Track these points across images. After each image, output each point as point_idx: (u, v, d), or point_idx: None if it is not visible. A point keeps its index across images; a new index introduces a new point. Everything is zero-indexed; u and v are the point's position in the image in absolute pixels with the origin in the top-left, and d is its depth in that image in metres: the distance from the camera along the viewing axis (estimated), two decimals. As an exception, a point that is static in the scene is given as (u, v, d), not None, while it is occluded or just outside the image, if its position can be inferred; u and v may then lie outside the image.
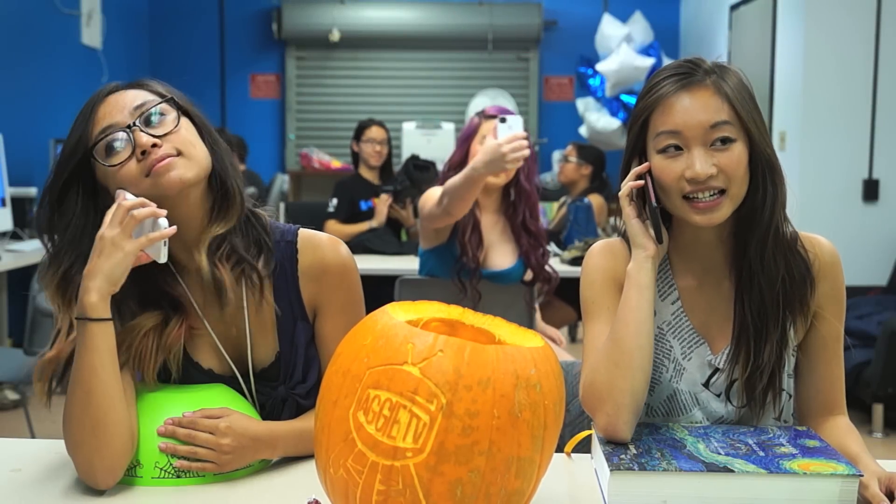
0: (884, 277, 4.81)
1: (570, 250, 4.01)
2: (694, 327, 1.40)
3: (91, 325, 1.21)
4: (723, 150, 1.29)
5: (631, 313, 1.32)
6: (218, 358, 1.39)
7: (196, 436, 1.27)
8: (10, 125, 4.80)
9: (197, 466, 1.27)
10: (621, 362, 1.30)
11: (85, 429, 1.22)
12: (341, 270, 1.41)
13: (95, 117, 1.30)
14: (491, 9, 7.18)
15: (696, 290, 1.41)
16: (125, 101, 1.30)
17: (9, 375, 3.28)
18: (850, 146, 4.85)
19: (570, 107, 7.27)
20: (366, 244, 4.32)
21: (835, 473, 1.16)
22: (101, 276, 1.21)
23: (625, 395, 1.28)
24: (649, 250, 1.34)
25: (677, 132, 1.30)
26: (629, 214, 1.36)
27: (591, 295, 1.42)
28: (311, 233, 1.43)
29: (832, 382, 1.40)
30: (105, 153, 1.28)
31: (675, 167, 1.30)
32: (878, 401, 4.02)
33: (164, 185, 1.26)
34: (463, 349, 0.99)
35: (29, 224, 4.69)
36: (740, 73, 1.36)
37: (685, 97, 1.31)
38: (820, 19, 4.83)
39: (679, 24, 7.39)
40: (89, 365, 1.21)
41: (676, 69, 1.34)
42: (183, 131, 1.30)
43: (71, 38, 5.81)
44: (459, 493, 0.97)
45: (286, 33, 7.24)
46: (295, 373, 1.40)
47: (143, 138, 1.26)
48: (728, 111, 1.30)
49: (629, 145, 1.38)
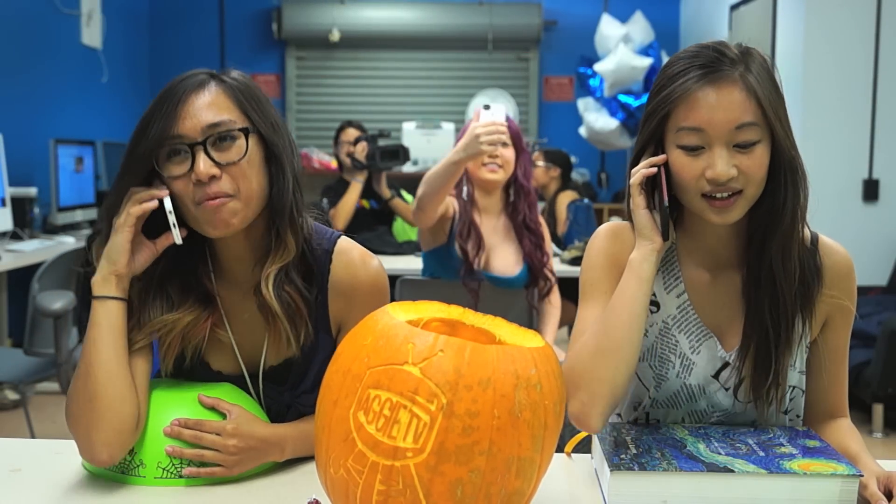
0: (884, 277, 4.81)
1: (570, 250, 4.01)
2: (701, 321, 1.37)
3: (95, 302, 1.26)
4: (745, 152, 1.25)
5: (626, 303, 1.28)
6: (229, 360, 1.39)
7: (202, 437, 1.26)
8: (10, 125, 4.80)
9: (206, 472, 1.26)
10: (607, 350, 1.26)
11: (81, 401, 1.24)
12: (370, 290, 1.39)
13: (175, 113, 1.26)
14: (491, 9, 7.18)
15: (705, 283, 1.38)
16: (202, 110, 1.26)
17: (9, 375, 3.28)
18: (850, 146, 4.85)
19: (569, 107, 7.26)
20: (366, 244, 4.30)
21: (835, 473, 1.16)
22: (104, 256, 1.27)
23: (603, 385, 1.24)
24: (656, 243, 1.30)
25: (701, 129, 1.25)
26: (638, 204, 1.31)
27: (591, 277, 1.39)
28: (346, 246, 1.40)
29: (836, 387, 1.39)
30: (166, 158, 1.27)
31: (696, 165, 1.26)
32: (878, 401, 4.03)
33: (210, 224, 1.28)
34: (463, 349, 0.99)
35: (29, 224, 4.70)
36: (766, 60, 1.29)
37: (711, 92, 1.24)
38: (820, 19, 4.83)
39: (679, 23, 7.39)
40: (91, 339, 1.25)
41: (700, 58, 1.26)
42: (245, 165, 1.28)
43: (71, 38, 5.81)
44: (460, 493, 0.97)
45: (286, 33, 7.24)
46: (304, 382, 1.38)
47: (202, 168, 1.24)
48: (755, 111, 1.24)
49: (644, 134, 1.32)
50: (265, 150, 1.32)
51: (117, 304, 1.26)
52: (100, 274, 1.26)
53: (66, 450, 1.39)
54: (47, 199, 4.94)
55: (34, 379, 3.26)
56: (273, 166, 1.32)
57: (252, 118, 1.30)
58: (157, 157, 1.27)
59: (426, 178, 2.68)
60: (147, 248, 1.29)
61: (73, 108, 5.65)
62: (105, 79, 6.20)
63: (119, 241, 1.26)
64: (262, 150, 1.31)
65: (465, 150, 2.54)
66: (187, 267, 1.36)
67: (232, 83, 1.31)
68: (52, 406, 4.22)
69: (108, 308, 1.26)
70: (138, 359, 1.30)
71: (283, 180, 1.32)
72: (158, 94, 1.28)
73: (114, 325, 1.26)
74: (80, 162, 5.03)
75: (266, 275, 1.31)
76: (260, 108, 1.32)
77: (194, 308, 1.34)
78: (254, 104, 1.31)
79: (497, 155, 2.82)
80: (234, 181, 1.27)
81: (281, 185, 1.32)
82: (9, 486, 1.26)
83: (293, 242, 1.33)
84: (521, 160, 2.91)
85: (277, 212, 1.32)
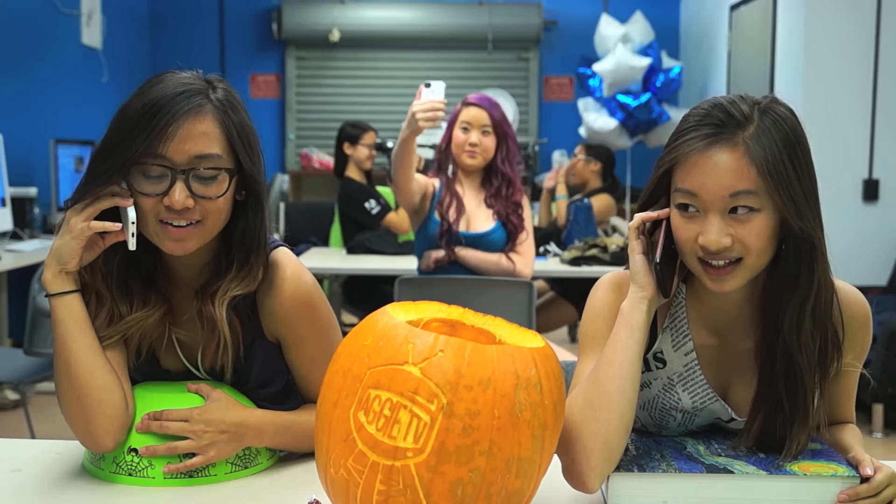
0: (884, 277, 4.81)
1: (570, 250, 4.01)
2: (708, 383, 1.30)
3: (52, 300, 1.27)
4: (742, 221, 1.16)
5: (617, 352, 1.20)
6: (174, 357, 1.38)
7: (167, 426, 1.27)
8: (10, 125, 4.80)
9: (184, 466, 1.26)
10: (598, 403, 1.17)
11: (71, 399, 1.26)
12: (298, 307, 1.35)
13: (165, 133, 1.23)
14: (491, 9, 7.18)
15: (714, 345, 1.30)
16: (193, 138, 1.24)
17: (9, 375, 3.28)
18: (850, 146, 4.85)
19: (569, 107, 7.26)
20: (366, 244, 4.32)
21: (835, 475, 1.16)
22: (52, 254, 1.27)
23: (596, 440, 1.15)
24: (647, 291, 1.22)
25: (694, 194, 1.17)
26: (633, 248, 1.25)
27: (591, 329, 1.32)
28: (278, 261, 1.36)
29: (845, 401, 1.37)
30: (142, 173, 1.25)
31: (691, 228, 1.19)
32: (878, 401, 4.03)
33: (167, 248, 1.28)
34: (463, 349, 0.99)
35: (29, 224, 4.70)
36: (786, 117, 1.19)
37: (709, 157, 1.16)
38: (820, 19, 4.83)
39: (679, 24, 7.39)
40: (60, 337, 1.26)
41: (709, 118, 1.18)
42: (221, 202, 1.27)
43: (71, 38, 5.80)
44: (460, 493, 0.97)
45: (286, 33, 7.24)
46: (249, 378, 1.37)
47: (178, 197, 1.23)
48: (754, 179, 1.15)
49: (650, 186, 1.26)
50: (240, 180, 1.31)
51: (75, 297, 1.27)
52: (49, 272, 1.26)
53: (66, 450, 1.39)
54: (47, 199, 4.94)
55: (34, 379, 3.25)
56: (250, 201, 1.32)
57: (239, 155, 1.29)
58: (132, 170, 1.25)
59: (391, 158, 3.04)
60: (96, 243, 1.29)
61: (73, 108, 5.65)
62: (105, 79, 6.19)
63: (72, 246, 1.25)
64: (238, 181, 1.31)
65: (407, 126, 2.84)
66: (145, 264, 1.35)
67: (223, 107, 1.28)
68: (52, 406, 4.20)
69: (67, 303, 1.27)
70: (113, 352, 1.31)
71: (259, 216, 1.32)
72: (150, 100, 1.24)
73: (78, 318, 1.27)
74: (80, 162, 5.02)
75: (223, 294, 1.31)
76: (245, 135, 1.30)
77: (157, 305, 1.34)
78: (241, 133, 1.29)
79: (476, 143, 3.16)
80: (205, 212, 1.26)
81: (257, 221, 1.32)
82: (9, 486, 1.26)
83: (261, 273, 1.33)
84: (503, 147, 3.20)
85: (249, 245, 1.32)
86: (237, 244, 1.32)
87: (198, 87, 1.28)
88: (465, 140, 3.18)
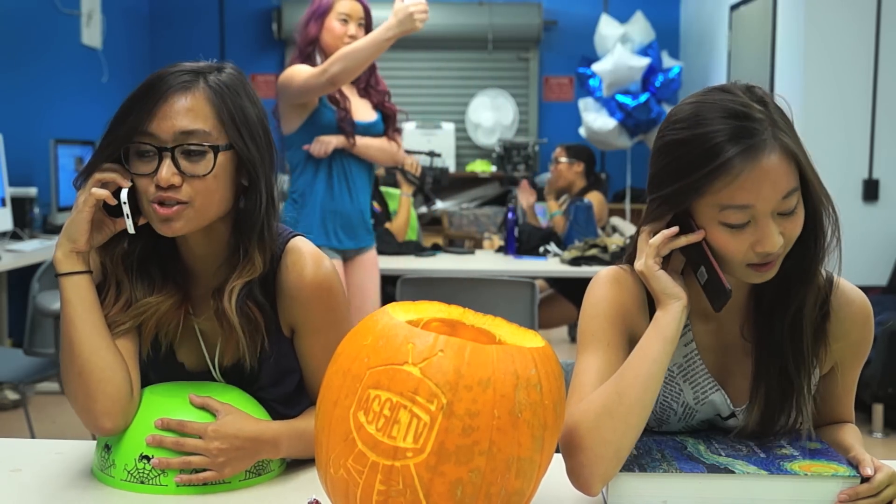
0: (884, 277, 4.81)
1: (570, 250, 4.01)
2: (709, 372, 1.30)
3: (61, 279, 1.27)
4: (788, 217, 1.18)
5: (645, 365, 1.17)
6: (192, 353, 1.38)
7: (184, 443, 1.24)
8: (10, 125, 4.80)
9: (197, 478, 1.24)
10: (616, 413, 1.15)
11: (73, 375, 1.26)
12: (315, 291, 1.35)
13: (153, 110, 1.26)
14: (491, 9, 7.18)
15: (714, 334, 1.31)
16: (179, 114, 1.25)
17: (9, 375, 3.28)
18: (850, 146, 4.85)
19: (569, 107, 7.26)
20: (366, 244, 4.31)
21: (835, 475, 1.16)
22: (64, 234, 1.28)
23: (607, 448, 1.14)
24: (683, 299, 1.20)
25: (748, 206, 1.15)
26: (651, 267, 1.21)
27: (592, 326, 1.29)
28: (297, 247, 1.37)
29: (845, 400, 1.37)
30: (135, 153, 1.27)
31: (742, 239, 1.17)
32: (878, 401, 4.03)
33: (160, 229, 1.28)
34: (463, 349, 0.99)
35: (29, 224, 4.69)
36: (782, 105, 1.21)
37: (755, 168, 1.14)
38: (820, 19, 4.83)
39: (679, 24, 7.39)
40: (67, 317, 1.27)
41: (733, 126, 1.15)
42: (210, 180, 1.27)
43: (71, 38, 5.80)
44: (460, 493, 0.97)
45: (286, 33, 7.23)
46: (260, 378, 1.36)
47: (164, 174, 1.24)
48: (795, 174, 1.17)
49: (669, 199, 1.21)
50: (238, 163, 1.31)
51: (84, 278, 1.28)
52: (60, 251, 1.27)
53: (66, 450, 1.39)
54: (47, 199, 4.94)
55: (34, 379, 3.25)
56: (246, 182, 1.32)
57: (229, 132, 1.28)
58: (127, 151, 1.27)
59: (345, 53, 2.93)
60: (106, 225, 1.30)
61: (73, 108, 5.64)
62: (105, 79, 6.19)
63: (79, 220, 1.27)
64: (234, 163, 1.30)
65: (400, 25, 2.81)
66: (166, 251, 1.36)
67: (220, 87, 1.29)
68: (52, 406, 4.22)
69: (76, 283, 1.27)
70: (125, 339, 1.31)
71: (255, 198, 1.31)
72: (147, 80, 1.28)
73: (85, 299, 1.27)
74: (80, 162, 5.02)
75: (230, 288, 1.30)
76: (242, 118, 1.29)
77: (174, 293, 1.35)
78: (237, 114, 1.29)
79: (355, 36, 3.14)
80: (194, 192, 1.26)
81: (252, 203, 1.31)
82: (9, 486, 1.26)
83: (260, 260, 1.32)
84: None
85: (245, 230, 1.31)
86: (236, 229, 1.33)
87: (196, 69, 1.30)
88: (343, 32, 3.15)
